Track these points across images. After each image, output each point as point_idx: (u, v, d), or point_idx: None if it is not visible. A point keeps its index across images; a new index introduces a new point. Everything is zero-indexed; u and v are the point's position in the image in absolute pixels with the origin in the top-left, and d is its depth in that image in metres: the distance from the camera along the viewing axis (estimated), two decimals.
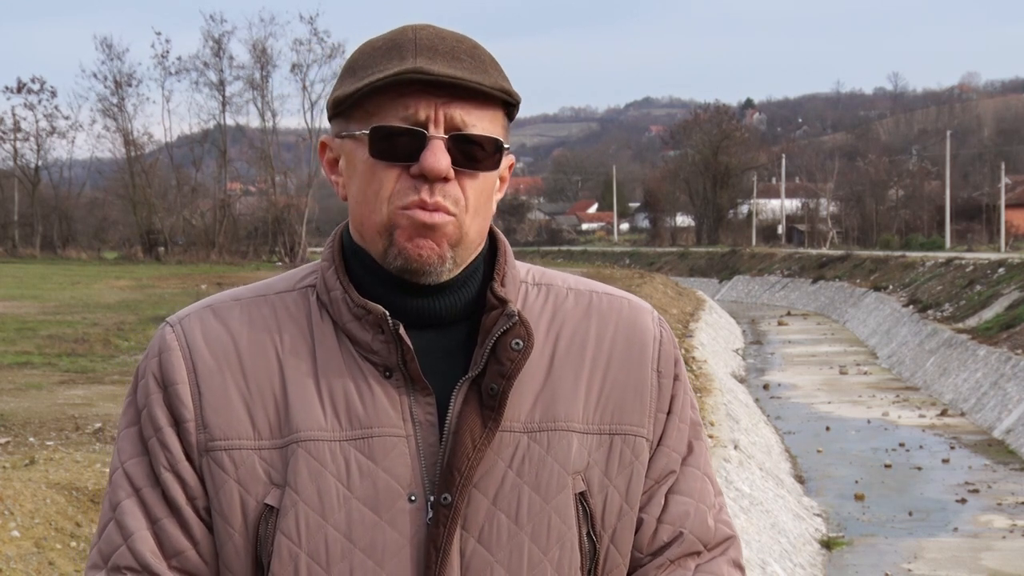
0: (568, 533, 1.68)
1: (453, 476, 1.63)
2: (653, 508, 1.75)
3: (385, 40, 1.68)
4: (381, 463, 1.64)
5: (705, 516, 1.77)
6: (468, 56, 1.65)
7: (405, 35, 1.67)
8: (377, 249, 1.68)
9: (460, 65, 1.64)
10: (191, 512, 1.68)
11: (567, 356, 1.73)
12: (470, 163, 1.65)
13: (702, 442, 1.82)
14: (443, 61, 1.63)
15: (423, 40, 1.65)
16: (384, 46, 1.67)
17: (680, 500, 1.76)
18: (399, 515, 1.64)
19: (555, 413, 1.70)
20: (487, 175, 1.68)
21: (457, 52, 1.65)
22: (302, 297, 1.74)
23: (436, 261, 1.65)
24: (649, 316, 1.81)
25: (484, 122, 1.66)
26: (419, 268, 1.65)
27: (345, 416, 1.66)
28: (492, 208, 1.73)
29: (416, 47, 1.64)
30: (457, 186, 1.65)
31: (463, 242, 1.67)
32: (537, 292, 1.78)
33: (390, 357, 1.66)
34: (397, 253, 1.65)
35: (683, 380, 1.80)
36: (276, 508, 1.65)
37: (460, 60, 1.64)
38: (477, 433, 1.64)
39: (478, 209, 1.67)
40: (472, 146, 1.65)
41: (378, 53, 1.67)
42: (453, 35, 1.68)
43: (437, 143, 1.63)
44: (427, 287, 1.68)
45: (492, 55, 1.70)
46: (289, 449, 1.65)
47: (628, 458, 1.72)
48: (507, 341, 1.67)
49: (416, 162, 1.63)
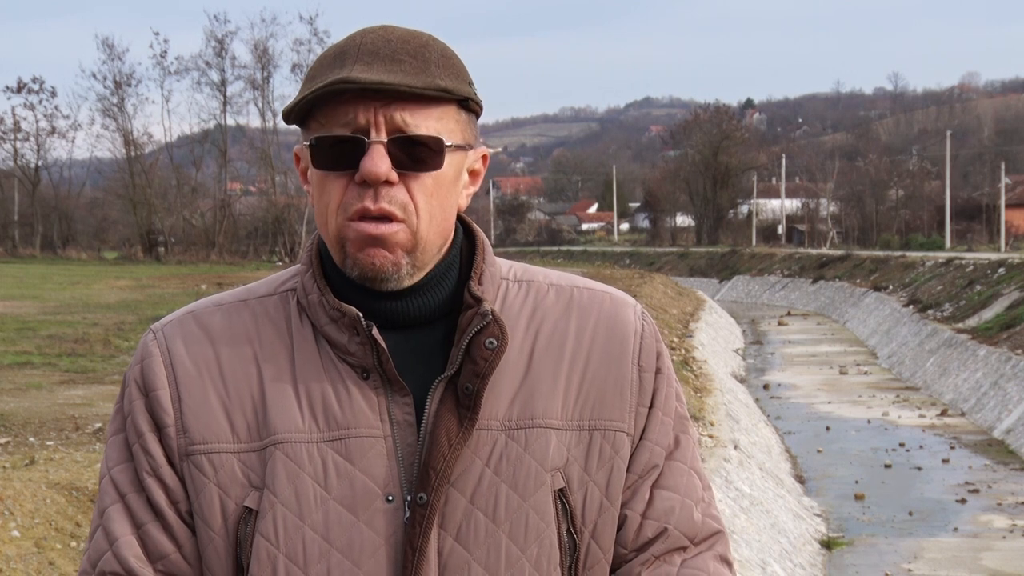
0: (546, 530, 1.68)
1: (429, 475, 1.64)
2: (637, 503, 1.74)
3: (336, 48, 1.69)
4: (358, 463, 1.65)
5: (691, 511, 1.77)
6: (410, 56, 1.64)
7: (353, 41, 1.68)
8: (338, 259, 1.69)
9: (397, 68, 1.63)
10: (174, 516, 1.70)
11: (546, 352, 1.73)
12: (414, 164, 1.64)
13: (689, 436, 1.81)
14: (380, 66, 1.63)
15: (367, 45, 1.65)
16: (332, 54, 1.68)
17: (665, 495, 1.76)
18: (376, 515, 1.65)
19: (533, 410, 1.70)
20: (435, 175, 1.66)
21: (398, 54, 1.64)
22: (282, 301, 1.75)
23: (391, 269, 1.66)
24: (631, 310, 1.80)
25: (429, 121, 1.65)
26: (376, 276, 1.66)
27: (322, 418, 1.67)
28: (455, 205, 1.72)
29: (358, 53, 1.65)
30: (403, 189, 1.64)
31: (419, 247, 1.67)
32: (518, 289, 1.78)
33: (366, 358, 1.67)
34: (352, 264, 1.67)
35: (666, 373, 1.79)
36: (255, 510, 1.66)
37: (399, 63, 1.64)
38: (453, 432, 1.65)
39: (431, 212, 1.66)
40: (415, 147, 1.64)
41: (327, 61, 1.68)
42: (403, 36, 1.67)
43: (376, 147, 1.62)
44: (397, 291, 1.69)
45: (446, 50, 1.69)
46: (267, 451, 1.67)
47: (608, 453, 1.72)
48: (481, 340, 1.67)
49: (358, 169, 1.64)
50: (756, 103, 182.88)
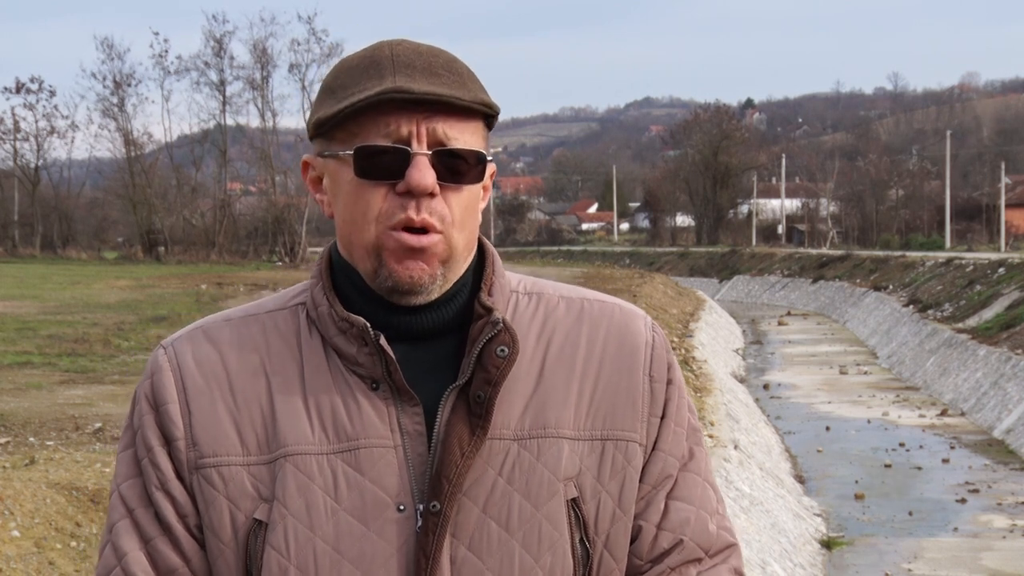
0: (560, 540, 1.68)
1: (441, 484, 1.63)
2: (652, 514, 1.75)
3: (361, 58, 1.69)
4: (368, 474, 1.65)
5: (706, 523, 1.77)
6: (446, 71, 1.66)
7: (381, 52, 1.68)
8: (367, 269, 1.69)
9: (439, 80, 1.64)
10: (182, 530, 1.70)
11: (558, 363, 1.73)
12: (454, 177, 1.66)
13: (702, 448, 1.81)
14: (422, 77, 1.64)
15: (400, 56, 1.66)
16: (361, 64, 1.68)
17: (680, 507, 1.76)
18: (387, 525, 1.64)
19: (545, 420, 1.70)
20: (471, 188, 1.68)
21: (434, 67, 1.66)
22: (292, 315, 1.76)
23: (427, 281, 1.66)
24: (641, 321, 1.80)
25: (466, 135, 1.67)
26: (411, 289, 1.66)
27: (332, 429, 1.67)
28: (478, 219, 1.73)
29: (394, 64, 1.65)
30: (443, 201, 1.65)
31: (452, 257, 1.68)
32: (528, 301, 1.78)
33: (375, 369, 1.67)
34: (387, 275, 1.66)
35: (677, 384, 1.80)
36: (265, 522, 1.66)
37: (438, 75, 1.65)
38: (465, 441, 1.65)
39: (464, 223, 1.68)
40: (456, 160, 1.66)
41: (356, 72, 1.67)
42: (429, 49, 1.69)
43: (421, 159, 1.63)
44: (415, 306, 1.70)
45: (468, 67, 1.71)
46: (277, 464, 1.67)
47: (620, 463, 1.72)
48: (492, 348, 1.67)
49: (401, 179, 1.63)
50: (756, 103, 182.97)
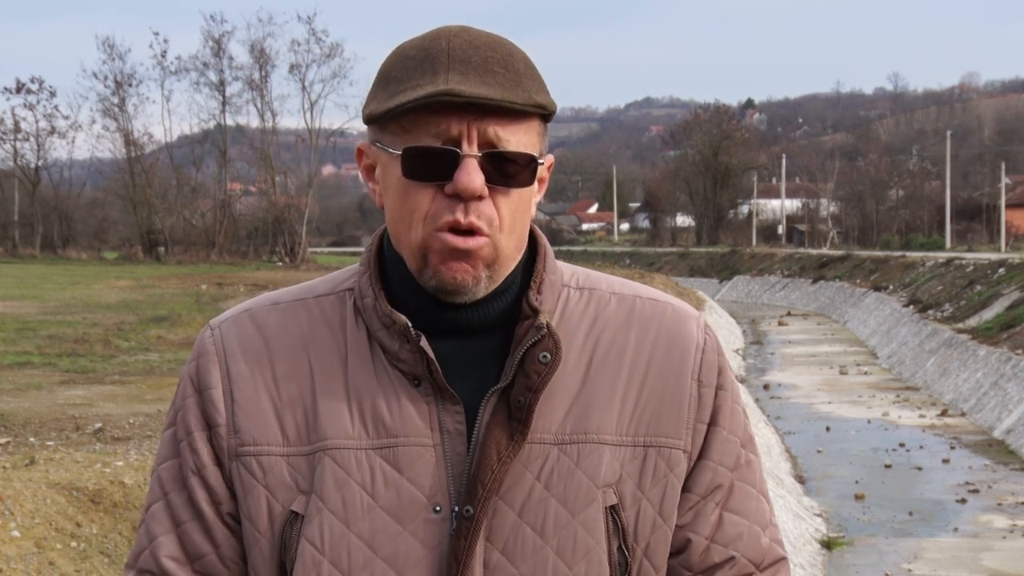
0: (596, 547, 1.65)
1: (476, 488, 1.61)
2: (702, 526, 1.72)
3: (417, 49, 1.64)
4: (406, 473, 1.64)
5: (759, 537, 1.74)
6: (502, 68, 1.61)
7: (438, 44, 1.63)
8: (413, 267, 1.66)
9: (493, 80, 1.60)
10: (214, 516, 1.69)
11: (604, 364, 1.70)
12: (504, 180, 1.62)
13: (756, 457, 1.77)
14: (475, 77, 1.59)
15: (456, 52, 1.61)
16: (416, 56, 1.63)
17: (733, 520, 1.73)
18: (423, 525, 1.63)
19: (587, 425, 1.67)
20: (521, 191, 1.64)
21: (490, 64, 1.61)
22: (340, 301, 1.73)
23: (471, 283, 1.63)
24: (694, 323, 1.76)
25: (519, 135, 1.62)
26: (455, 290, 1.63)
27: (372, 425, 1.65)
28: (530, 216, 1.69)
29: (449, 60, 1.60)
30: (491, 204, 1.61)
31: (499, 260, 1.64)
32: (579, 296, 1.74)
33: (417, 366, 1.65)
34: (432, 275, 1.63)
35: (729, 390, 1.75)
36: (301, 514, 1.65)
37: (493, 74, 1.60)
38: (503, 445, 1.62)
39: (513, 226, 1.64)
40: (506, 163, 1.62)
41: (411, 63, 1.63)
42: (488, 42, 1.64)
43: (471, 161, 1.59)
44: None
45: (527, 60, 1.65)
46: (316, 456, 1.66)
47: (663, 471, 1.69)
48: (535, 353, 1.64)
49: (450, 181, 1.60)
50: (756, 103, 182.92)
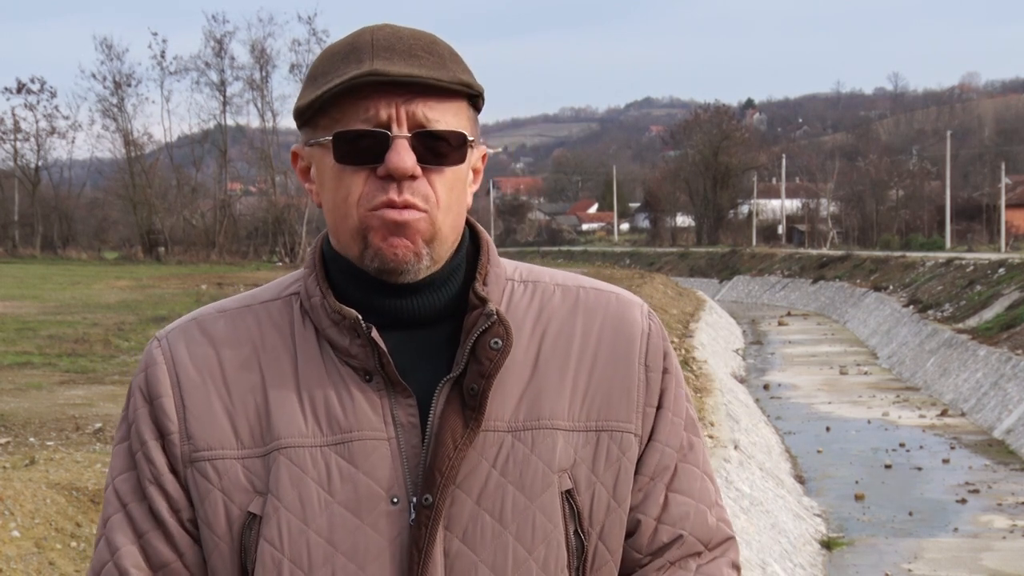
0: (554, 531, 1.68)
1: (434, 477, 1.63)
2: (651, 507, 1.74)
3: (344, 45, 1.69)
4: (362, 467, 1.65)
5: (706, 516, 1.77)
6: (426, 52, 1.66)
7: (362, 37, 1.67)
8: (353, 253, 1.68)
9: (418, 62, 1.64)
10: (176, 524, 1.70)
11: (553, 353, 1.72)
12: (436, 159, 1.66)
13: (700, 439, 1.80)
14: (400, 60, 1.64)
15: (380, 41, 1.66)
16: (343, 51, 1.68)
17: (680, 500, 1.76)
18: (381, 518, 1.64)
19: (540, 411, 1.69)
20: (455, 169, 1.68)
21: (414, 49, 1.65)
22: (286, 305, 1.75)
23: (412, 259, 1.66)
24: (637, 309, 1.79)
25: (448, 116, 1.66)
26: (396, 267, 1.66)
27: (326, 422, 1.67)
28: (466, 202, 1.73)
29: (373, 48, 1.65)
30: (426, 183, 1.65)
31: (437, 237, 1.67)
32: (524, 289, 1.77)
33: (368, 361, 1.67)
34: (373, 255, 1.66)
35: (674, 374, 1.79)
36: (259, 516, 1.66)
37: (418, 57, 1.65)
38: (458, 433, 1.64)
39: (450, 205, 1.68)
40: (437, 142, 1.65)
41: (337, 58, 1.67)
42: (411, 32, 1.69)
43: (401, 142, 1.63)
44: (406, 287, 1.69)
45: (451, 48, 1.70)
46: (271, 457, 1.67)
47: (615, 454, 1.72)
48: (486, 340, 1.66)
49: (381, 163, 1.64)
50: (756, 103, 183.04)
